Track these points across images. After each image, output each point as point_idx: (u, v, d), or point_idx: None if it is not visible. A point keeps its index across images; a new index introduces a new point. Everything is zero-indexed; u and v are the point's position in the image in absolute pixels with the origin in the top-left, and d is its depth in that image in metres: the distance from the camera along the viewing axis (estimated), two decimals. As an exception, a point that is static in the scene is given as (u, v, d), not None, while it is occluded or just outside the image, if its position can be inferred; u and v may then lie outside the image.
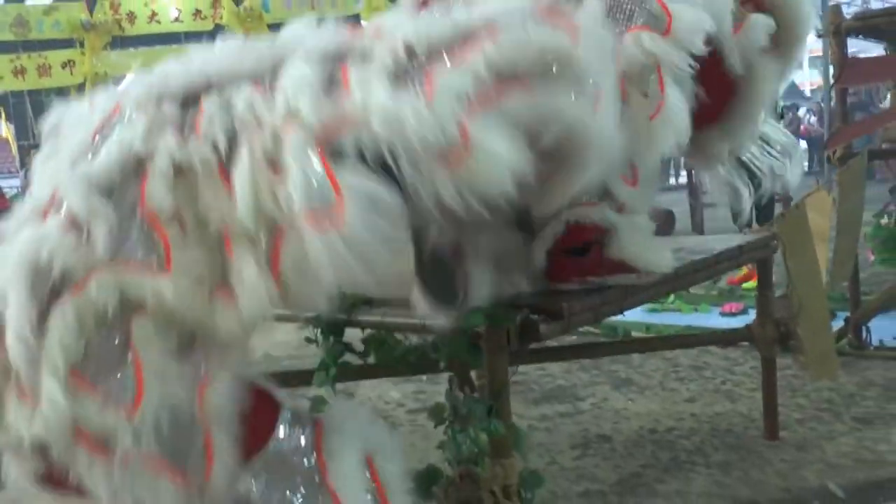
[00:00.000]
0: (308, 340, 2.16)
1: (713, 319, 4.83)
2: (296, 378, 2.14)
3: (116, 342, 1.30)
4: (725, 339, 3.25)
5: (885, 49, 4.28)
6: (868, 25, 3.59)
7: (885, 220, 4.75)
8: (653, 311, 5.22)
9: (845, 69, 3.60)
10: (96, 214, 1.33)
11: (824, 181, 3.76)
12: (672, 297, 5.38)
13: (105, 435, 1.28)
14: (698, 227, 8.82)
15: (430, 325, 1.72)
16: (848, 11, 4.29)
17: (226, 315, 1.31)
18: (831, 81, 4.35)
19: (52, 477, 1.35)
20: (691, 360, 4.03)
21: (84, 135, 1.49)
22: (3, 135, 16.68)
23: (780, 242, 2.72)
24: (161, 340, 1.31)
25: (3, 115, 16.21)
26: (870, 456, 2.73)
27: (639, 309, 5.19)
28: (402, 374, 2.54)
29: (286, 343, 3.36)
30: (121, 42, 13.29)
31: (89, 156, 1.43)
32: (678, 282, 2.19)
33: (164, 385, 1.29)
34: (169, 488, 1.30)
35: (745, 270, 5.22)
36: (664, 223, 9.58)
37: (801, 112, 19.35)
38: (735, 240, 2.61)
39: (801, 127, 18.61)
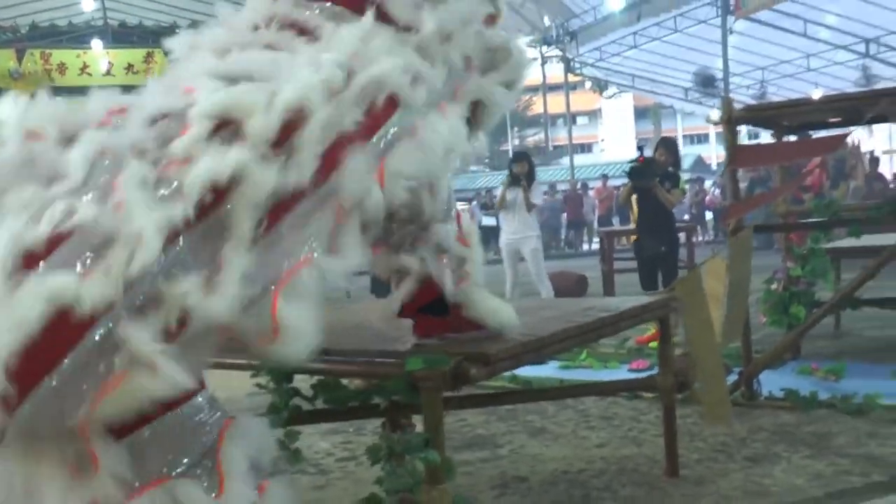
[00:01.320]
0: (259, 387, 2.39)
1: (621, 376, 5.16)
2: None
3: None
4: (630, 387, 3.59)
5: (773, 135, 4.80)
6: (756, 116, 4.06)
7: (774, 286, 5.24)
8: (565, 367, 5.57)
9: (736, 153, 4.04)
10: None
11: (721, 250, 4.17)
12: (584, 354, 5.76)
13: None
14: (609, 291, 9.23)
15: (373, 370, 1.99)
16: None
17: None
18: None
19: None
20: (601, 410, 4.37)
21: None
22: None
23: (680, 303, 3.08)
24: None
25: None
26: (757, 489, 3.09)
27: (551, 365, 5.59)
28: (347, 417, 2.77)
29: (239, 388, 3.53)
30: (52, 93, 13.29)
31: None
32: (587, 335, 2.51)
33: None
34: None
35: (652, 331, 5.60)
36: (577, 286, 10.06)
37: (707, 185, 20.46)
38: (639, 300, 2.96)
39: (707, 199, 19.67)
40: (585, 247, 21.60)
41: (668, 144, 7.38)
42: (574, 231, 22.77)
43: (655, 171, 6.68)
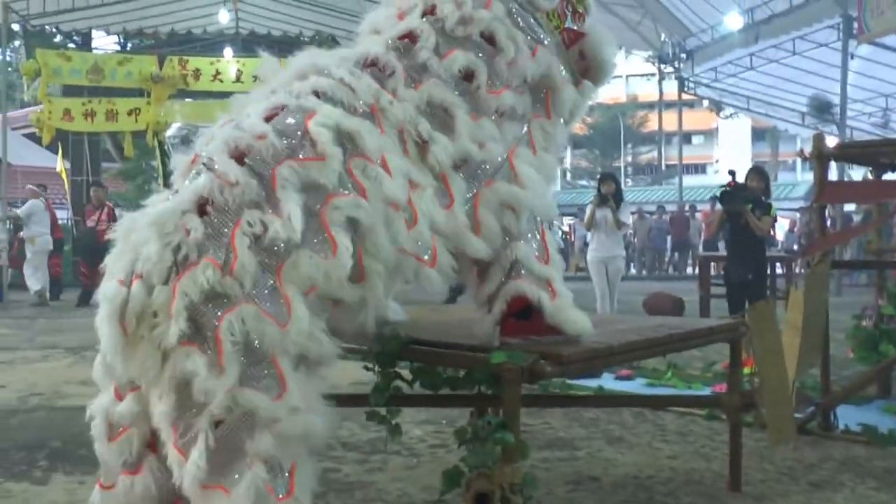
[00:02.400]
0: (366, 368, 2.80)
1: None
2: (357, 399, 2.79)
3: None
4: (698, 402, 3.85)
5: (871, 173, 4.93)
6: (846, 154, 4.24)
7: (864, 322, 5.35)
8: (650, 384, 5.83)
9: (825, 189, 4.24)
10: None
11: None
12: (669, 373, 6.00)
13: None
14: (704, 315, 9.36)
15: (464, 360, 2.37)
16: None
17: None
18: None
19: None
20: (679, 426, 4.62)
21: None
22: (59, 170, 17.71)
23: (749, 328, 3.34)
24: None
25: (61, 151, 17.26)
26: (815, 511, 3.30)
27: (637, 382, 5.85)
28: (440, 404, 3.15)
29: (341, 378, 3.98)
30: (182, 94, 14.28)
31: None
32: (655, 349, 2.82)
33: None
34: None
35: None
36: (673, 309, 10.21)
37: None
38: (708, 322, 3.23)
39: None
40: (690, 270, 21.43)
41: (760, 172, 7.54)
42: (679, 253, 22.63)
43: (746, 196, 6.81)
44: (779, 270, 10.15)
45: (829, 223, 4.97)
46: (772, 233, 19.19)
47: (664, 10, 18.59)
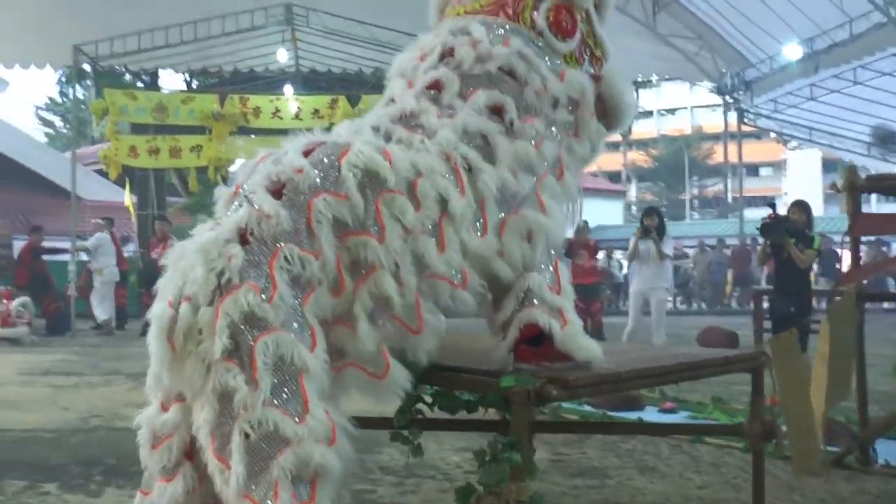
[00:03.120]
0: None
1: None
2: (380, 422, 2.94)
3: None
4: (719, 430, 3.88)
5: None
6: (878, 186, 4.27)
7: (911, 357, 5.29)
8: (693, 417, 5.86)
9: (858, 221, 4.27)
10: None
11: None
12: (711, 407, 6.02)
13: None
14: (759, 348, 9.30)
15: (477, 384, 2.50)
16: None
17: None
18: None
19: None
20: (714, 458, 4.64)
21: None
22: (126, 204, 18.38)
23: (771, 358, 3.38)
24: None
25: (129, 186, 17.93)
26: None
27: (681, 414, 5.87)
28: (459, 428, 3.27)
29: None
30: (243, 131, 14.74)
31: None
32: (665, 377, 2.90)
33: None
34: None
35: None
36: (727, 342, 10.13)
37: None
38: (726, 353, 3.30)
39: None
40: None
41: (802, 205, 7.61)
42: (741, 287, 22.23)
43: (787, 228, 6.87)
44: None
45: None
46: (838, 266, 18.97)
47: (722, 41, 18.56)
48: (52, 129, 42.51)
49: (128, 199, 18.25)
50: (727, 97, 20.40)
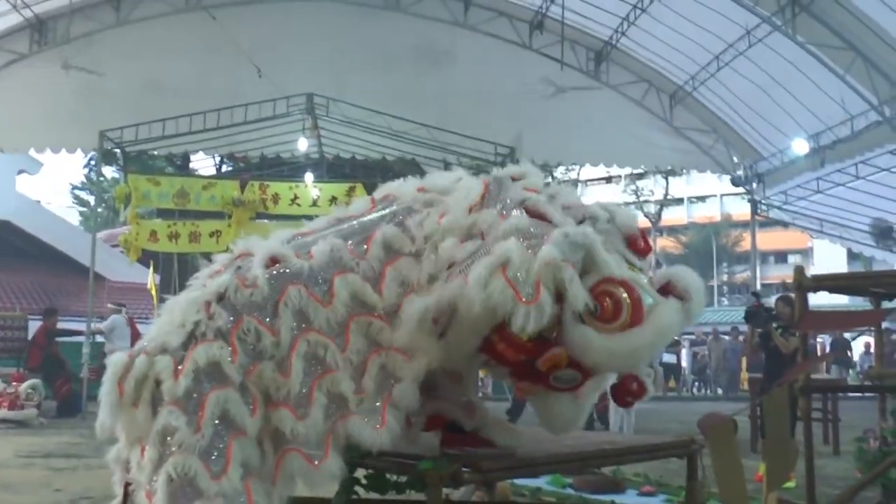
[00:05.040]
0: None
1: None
2: (318, 502, 3.19)
3: None
4: (655, 516, 4.03)
5: (870, 301, 5.14)
6: (822, 285, 4.51)
7: (870, 444, 5.44)
8: (668, 501, 5.97)
9: (804, 318, 4.49)
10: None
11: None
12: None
13: None
14: (755, 436, 9.36)
15: (400, 467, 2.76)
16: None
17: None
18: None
19: None
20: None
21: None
22: (149, 286, 18.83)
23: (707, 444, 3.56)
24: None
25: (153, 268, 18.42)
26: None
27: (659, 497, 5.99)
28: None
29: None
30: (263, 216, 15.23)
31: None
32: (584, 462, 3.12)
33: None
34: None
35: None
36: (726, 429, 10.19)
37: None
38: (656, 439, 3.50)
39: None
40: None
41: (787, 299, 8.05)
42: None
43: (770, 316, 7.23)
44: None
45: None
46: (849, 353, 18.95)
47: (735, 135, 19.00)
48: (87, 209, 43.70)
49: (151, 280, 18.72)
50: (742, 188, 20.69)
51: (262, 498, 2.47)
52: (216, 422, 2.44)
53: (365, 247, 2.91)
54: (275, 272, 2.74)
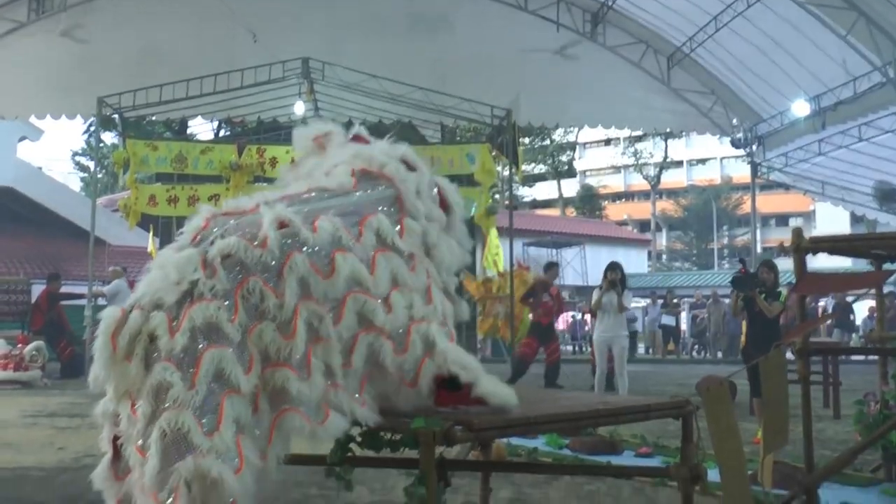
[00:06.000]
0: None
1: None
2: (314, 459, 3.21)
3: None
4: (650, 473, 4.08)
5: (870, 263, 5.13)
6: (819, 247, 4.49)
7: (870, 408, 5.46)
8: (665, 462, 6.01)
9: (802, 280, 4.49)
10: None
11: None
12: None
13: None
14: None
15: (394, 425, 2.78)
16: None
17: None
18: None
19: None
20: (670, 500, 4.81)
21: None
22: (150, 249, 18.87)
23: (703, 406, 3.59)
24: None
25: (153, 232, 18.45)
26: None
27: (656, 459, 6.04)
28: (382, 465, 3.53)
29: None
30: (260, 180, 15.22)
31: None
32: (580, 422, 3.14)
33: None
34: None
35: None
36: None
37: None
38: (651, 400, 3.52)
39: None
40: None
41: (770, 265, 8.51)
42: (755, 337, 22.27)
43: (755, 282, 7.48)
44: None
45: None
46: (852, 317, 18.99)
47: (734, 97, 18.88)
48: (88, 175, 43.67)
49: (151, 244, 18.75)
50: (742, 150, 20.63)
51: (254, 455, 2.49)
52: (210, 379, 2.46)
53: (358, 230, 2.97)
54: (284, 237, 2.75)
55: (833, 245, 4.38)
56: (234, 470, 2.39)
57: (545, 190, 55.80)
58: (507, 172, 20.57)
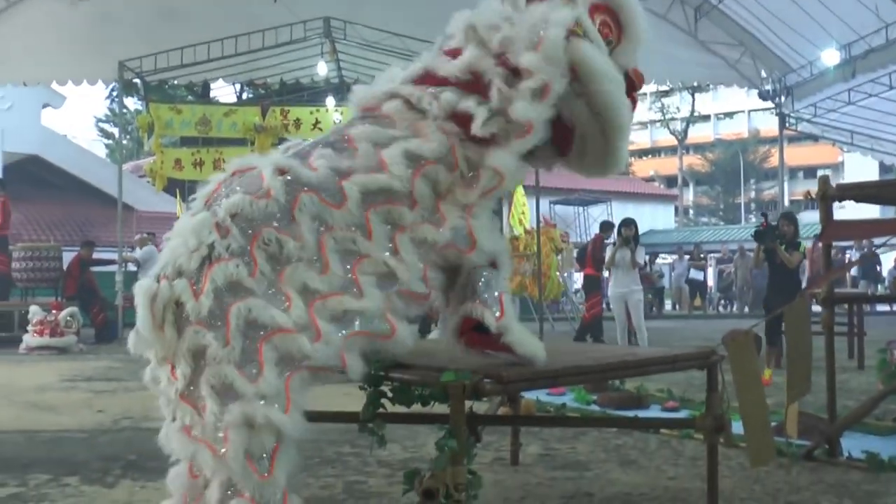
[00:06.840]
0: (360, 388, 3.27)
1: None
2: (347, 416, 3.28)
3: None
4: (675, 424, 4.12)
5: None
6: (846, 194, 4.46)
7: (892, 356, 5.47)
8: (692, 415, 6.04)
9: (828, 228, 4.47)
10: None
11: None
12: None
13: None
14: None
15: (423, 378, 2.83)
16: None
17: None
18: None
19: None
20: (695, 453, 4.83)
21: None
22: (178, 213, 19.07)
23: (727, 357, 3.62)
24: None
25: (179, 196, 18.60)
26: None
27: (682, 413, 6.07)
28: (414, 421, 3.60)
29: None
30: (285, 142, 15.23)
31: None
32: (606, 373, 3.17)
33: None
34: None
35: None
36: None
37: None
38: (676, 351, 3.55)
39: None
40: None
41: (789, 217, 8.83)
42: (784, 290, 22.15)
43: (777, 235, 7.66)
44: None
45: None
46: (878, 268, 18.73)
47: (762, 47, 18.56)
48: (113, 140, 43.91)
49: (178, 208, 18.92)
50: (770, 102, 20.32)
51: (298, 396, 2.58)
52: (242, 330, 2.54)
53: (349, 145, 2.98)
54: (285, 181, 2.79)
55: (860, 192, 4.35)
56: (282, 408, 2.49)
57: (571, 147, 55.25)
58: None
